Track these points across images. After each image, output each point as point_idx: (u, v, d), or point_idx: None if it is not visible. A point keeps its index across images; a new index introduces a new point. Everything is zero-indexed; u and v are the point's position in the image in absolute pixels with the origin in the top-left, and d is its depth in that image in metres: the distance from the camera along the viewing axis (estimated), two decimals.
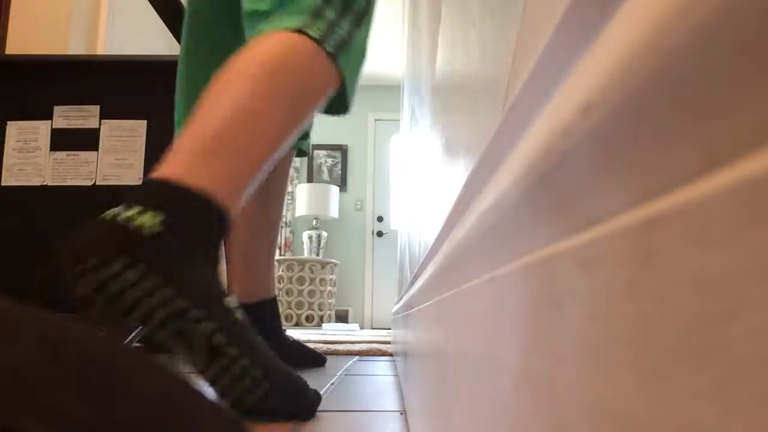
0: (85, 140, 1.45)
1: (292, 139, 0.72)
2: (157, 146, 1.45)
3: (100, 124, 1.46)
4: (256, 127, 0.66)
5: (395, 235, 5.02)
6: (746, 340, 0.06)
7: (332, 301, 4.88)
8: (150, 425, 0.12)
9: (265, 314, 1.17)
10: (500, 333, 0.17)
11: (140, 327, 0.74)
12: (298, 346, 1.23)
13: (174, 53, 1.50)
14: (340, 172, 5.34)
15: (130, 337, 1.11)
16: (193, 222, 0.60)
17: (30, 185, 1.44)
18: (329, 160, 5.37)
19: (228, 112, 0.65)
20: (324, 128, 5.25)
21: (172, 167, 0.61)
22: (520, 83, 0.16)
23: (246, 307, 1.05)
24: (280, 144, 0.70)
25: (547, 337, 0.13)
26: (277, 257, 4.76)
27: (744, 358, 0.06)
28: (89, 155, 1.45)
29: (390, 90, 5.29)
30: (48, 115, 1.46)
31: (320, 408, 0.73)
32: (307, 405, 0.67)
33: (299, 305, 4.52)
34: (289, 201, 5.08)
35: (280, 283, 4.56)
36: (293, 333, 1.36)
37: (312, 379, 1.04)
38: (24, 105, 1.47)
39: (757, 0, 0.06)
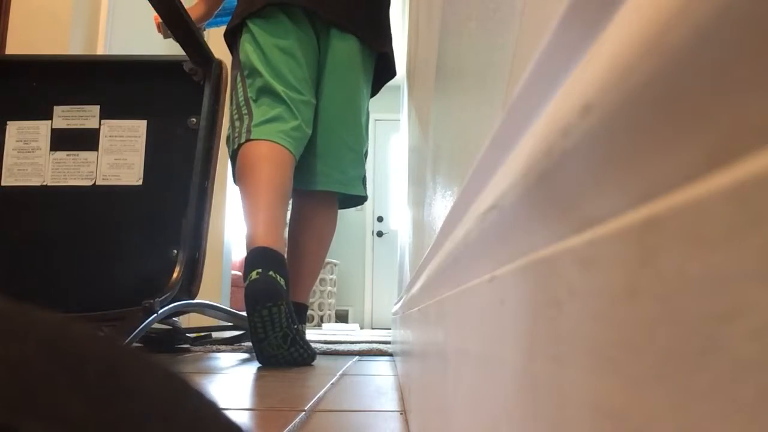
0: (85, 140, 1.45)
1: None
2: (157, 146, 1.45)
3: (100, 124, 1.46)
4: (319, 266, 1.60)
5: (395, 235, 5.02)
6: (746, 340, 0.06)
7: (332, 301, 4.88)
8: (151, 425, 0.12)
9: None
10: (500, 333, 0.17)
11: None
12: None
13: (174, 53, 1.50)
14: None
15: (130, 337, 1.11)
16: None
17: (30, 185, 1.44)
18: None
19: (314, 266, 1.57)
20: None
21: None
22: (520, 83, 0.16)
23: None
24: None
25: (548, 337, 0.13)
26: None
27: (744, 358, 0.06)
28: (89, 155, 1.45)
29: (390, 90, 5.27)
30: (48, 115, 1.46)
31: (320, 408, 0.73)
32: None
33: None
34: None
35: None
36: None
37: (312, 378, 1.04)
38: (24, 105, 1.47)
39: (757, 0, 0.06)
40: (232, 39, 1.54)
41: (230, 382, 0.98)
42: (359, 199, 1.65)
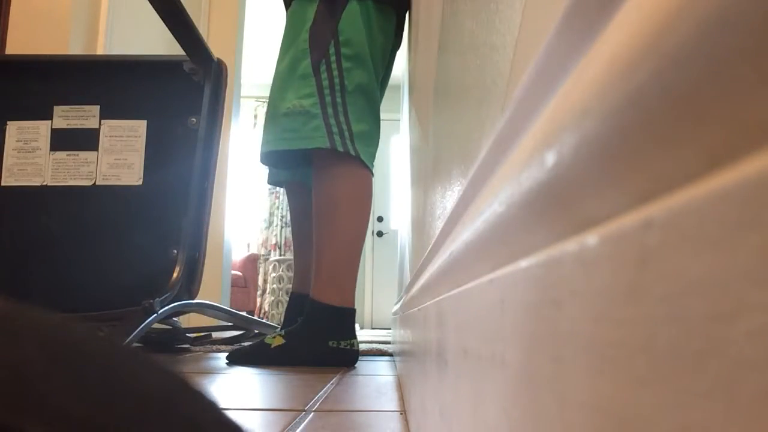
0: (85, 140, 1.45)
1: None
2: (157, 146, 1.45)
3: (100, 124, 1.46)
4: None
5: (395, 235, 5.02)
6: (746, 340, 0.06)
7: None
8: (151, 425, 0.12)
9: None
10: (500, 333, 0.17)
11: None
12: None
13: (174, 53, 1.50)
14: None
15: (130, 337, 1.11)
16: None
17: (30, 185, 1.44)
18: None
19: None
20: None
21: None
22: (520, 84, 0.16)
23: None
24: None
25: (548, 337, 0.13)
26: (277, 257, 4.76)
27: (744, 359, 0.06)
28: (89, 155, 1.45)
29: (390, 90, 5.26)
30: (48, 115, 1.46)
31: (320, 408, 0.73)
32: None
33: None
34: None
35: (280, 283, 4.55)
36: None
37: (312, 378, 1.04)
38: (24, 105, 1.47)
39: (757, 0, 0.06)
40: None
41: (230, 382, 0.98)
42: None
